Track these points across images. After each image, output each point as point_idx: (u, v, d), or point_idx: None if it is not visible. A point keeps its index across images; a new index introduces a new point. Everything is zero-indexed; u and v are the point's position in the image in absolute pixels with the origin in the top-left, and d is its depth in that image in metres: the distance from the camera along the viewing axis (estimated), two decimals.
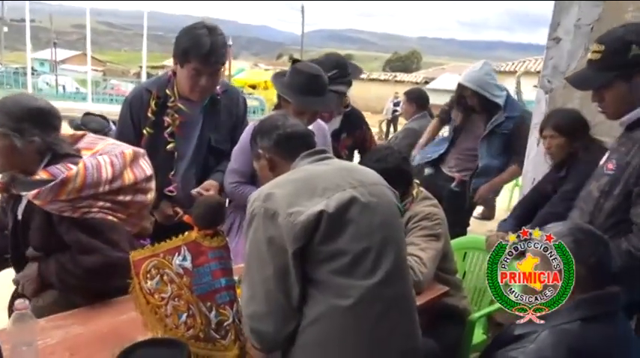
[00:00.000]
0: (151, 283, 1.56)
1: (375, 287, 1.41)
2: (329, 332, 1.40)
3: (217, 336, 1.50)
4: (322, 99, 2.45)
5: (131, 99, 2.40)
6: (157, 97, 2.34)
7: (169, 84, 2.35)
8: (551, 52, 3.14)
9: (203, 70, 2.23)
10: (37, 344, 1.41)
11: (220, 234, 1.54)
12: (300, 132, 1.65)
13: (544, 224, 1.60)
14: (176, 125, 2.35)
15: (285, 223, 1.37)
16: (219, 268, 1.50)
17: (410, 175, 2.35)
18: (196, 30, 2.21)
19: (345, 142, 3.12)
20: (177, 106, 2.34)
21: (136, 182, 1.87)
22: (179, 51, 2.24)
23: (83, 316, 1.75)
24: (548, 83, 3.17)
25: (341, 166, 1.59)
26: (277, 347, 1.46)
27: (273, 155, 1.65)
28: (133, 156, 1.89)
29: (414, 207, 2.30)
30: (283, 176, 1.54)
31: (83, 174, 1.73)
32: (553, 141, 2.62)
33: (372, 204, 1.48)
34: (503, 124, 3.29)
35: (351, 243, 1.41)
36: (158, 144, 2.35)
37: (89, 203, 1.75)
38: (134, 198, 1.88)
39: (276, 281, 1.39)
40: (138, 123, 2.36)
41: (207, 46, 2.18)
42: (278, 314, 1.41)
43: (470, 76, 3.31)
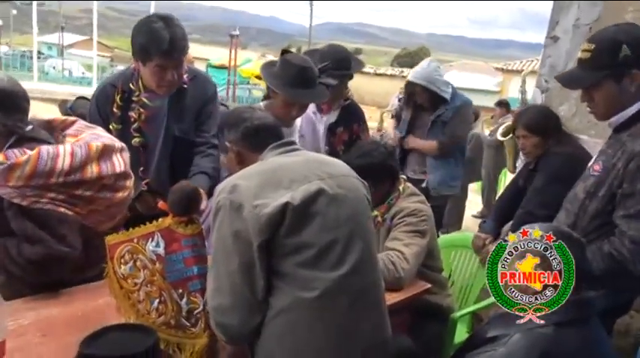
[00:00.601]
0: (124, 268, 1.56)
1: (341, 280, 1.40)
2: (295, 324, 1.39)
3: (188, 324, 1.50)
4: (311, 91, 2.43)
5: (97, 95, 2.34)
6: (122, 92, 2.27)
7: (133, 78, 2.27)
8: (548, 51, 3.11)
9: (167, 65, 2.14)
10: (5, 324, 1.41)
11: (195, 221, 1.54)
12: (268, 124, 1.63)
13: (522, 224, 1.57)
14: (142, 120, 2.28)
15: (251, 216, 1.36)
16: (192, 256, 1.49)
17: (395, 170, 2.33)
18: (152, 24, 2.10)
19: (342, 136, 3.08)
20: (142, 101, 2.26)
21: (100, 177, 1.77)
22: (138, 49, 2.14)
23: (58, 299, 1.75)
24: (545, 82, 3.15)
25: (310, 158, 1.58)
26: (243, 340, 1.45)
27: (240, 148, 1.63)
28: (101, 150, 1.79)
29: (400, 203, 2.28)
30: (250, 167, 1.53)
31: (34, 162, 1.64)
32: (527, 141, 2.58)
33: (340, 196, 1.47)
34: (443, 115, 3.37)
35: (317, 236, 1.40)
36: (127, 139, 2.27)
37: (39, 192, 1.66)
38: (98, 194, 1.79)
39: (241, 274, 1.38)
40: (106, 119, 2.29)
41: (167, 41, 2.07)
42: (243, 307, 1.40)
43: (419, 73, 3.36)
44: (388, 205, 2.27)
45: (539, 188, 2.44)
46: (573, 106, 2.80)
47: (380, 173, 2.24)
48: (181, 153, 2.34)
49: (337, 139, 3.05)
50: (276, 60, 2.51)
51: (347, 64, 2.98)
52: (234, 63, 18.26)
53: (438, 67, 3.43)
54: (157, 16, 2.16)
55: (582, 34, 2.94)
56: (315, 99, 2.59)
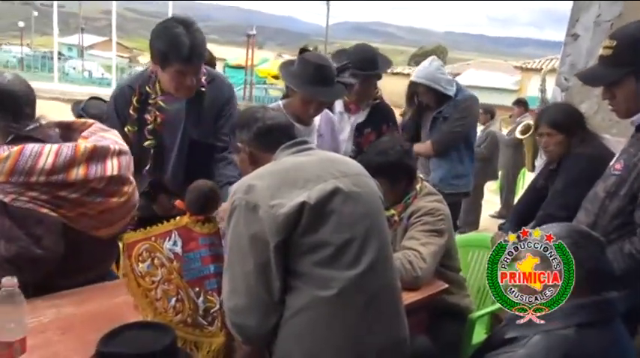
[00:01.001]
0: (142, 266, 1.57)
1: (358, 278, 1.40)
2: (313, 324, 1.39)
3: (205, 322, 1.50)
4: (328, 89, 2.42)
5: (116, 97, 2.34)
6: (139, 94, 2.26)
7: (150, 80, 2.26)
8: (568, 49, 3.07)
9: (186, 71, 2.12)
10: (26, 322, 1.43)
11: (212, 220, 1.54)
12: (280, 124, 1.62)
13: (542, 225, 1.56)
14: (158, 123, 2.27)
15: (267, 216, 1.36)
16: (209, 255, 1.50)
17: (412, 169, 2.32)
18: (172, 29, 2.07)
19: (369, 137, 3.01)
20: (159, 104, 2.26)
21: (86, 180, 1.69)
22: (157, 54, 2.11)
23: (77, 296, 1.77)
24: (565, 81, 3.11)
25: (323, 157, 1.57)
26: (259, 341, 1.45)
27: (253, 148, 1.63)
28: (90, 152, 1.71)
29: (417, 202, 2.27)
30: (264, 167, 1.52)
31: (14, 159, 1.60)
32: (550, 139, 2.50)
33: (355, 194, 1.46)
34: (444, 110, 3.28)
35: (333, 234, 1.40)
36: (142, 142, 2.29)
37: (20, 190, 1.62)
38: (87, 197, 1.72)
39: (257, 275, 1.38)
40: (124, 120, 2.29)
41: (187, 47, 2.05)
42: (259, 308, 1.40)
43: (421, 72, 3.29)
44: (405, 204, 2.26)
45: (560, 190, 2.38)
46: (595, 104, 2.75)
47: (396, 171, 2.23)
48: (199, 156, 2.32)
49: (364, 139, 3.01)
50: (295, 59, 2.52)
51: (373, 64, 2.95)
52: (251, 63, 18.36)
53: (440, 66, 3.37)
54: (177, 20, 2.14)
55: (603, 31, 2.89)
56: (332, 97, 2.58)
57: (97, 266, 1.89)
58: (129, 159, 1.87)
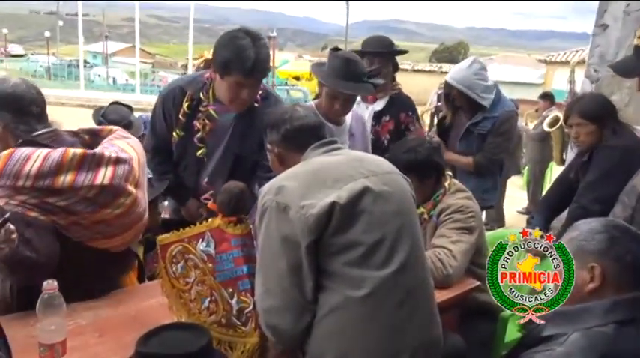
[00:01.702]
0: (175, 267, 1.60)
1: (390, 277, 1.39)
2: (345, 323, 1.39)
3: (238, 323, 1.52)
4: (355, 85, 2.42)
5: (165, 95, 2.33)
6: (191, 99, 2.26)
7: (204, 87, 2.26)
8: (597, 40, 3.01)
9: (245, 83, 2.12)
10: (65, 323, 1.46)
11: (244, 221, 1.56)
12: (308, 124, 1.61)
13: (575, 220, 1.52)
14: (206, 131, 2.27)
15: (298, 217, 1.36)
16: (242, 255, 1.51)
17: (441, 166, 2.29)
18: (239, 40, 2.06)
19: (388, 125, 2.98)
20: (209, 112, 2.25)
21: (72, 187, 1.62)
22: (220, 62, 2.10)
23: (113, 299, 1.81)
24: (594, 72, 3.04)
25: (352, 156, 1.57)
26: (293, 341, 1.45)
27: (281, 149, 1.63)
28: (80, 158, 1.64)
29: (446, 200, 2.25)
30: (294, 168, 1.53)
31: (3, 162, 1.59)
32: (581, 130, 2.44)
33: (386, 193, 1.46)
34: (481, 124, 3.09)
35: (364, 234, 1.39)
36: (187, 147, 2.31)
37: (9, 193, 1.60)
38: (76, 206, 1.65)
39: (289, 275, 1.38)
40: (170, 121, 2.31)
41: (252, 60, 2.04)
42: (293, 308, 1.40)
43: (458, 75, 3.09)
44: (434, 202, 2.24)
45: (593, 182, 2.33)
46: (626, 96, 2.69)
47: (425, 169, 2.21)
48: (240, 170, 2.31)
49: (383, 128, 2.98)
50: (323, 61, 2.54)
51: (388, 46, 2.95)
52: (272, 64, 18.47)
53: (480, 70, 3.13)
54: (245, 32, 2.12)
55: (633, 21, 2.83)
56: (358, 91, 2.55)
57: (100, 280, 1.83)
58: (128, 169, 1.76)
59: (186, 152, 2.32)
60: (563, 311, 1.42)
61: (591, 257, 1.40)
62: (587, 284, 1.41)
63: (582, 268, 1.42)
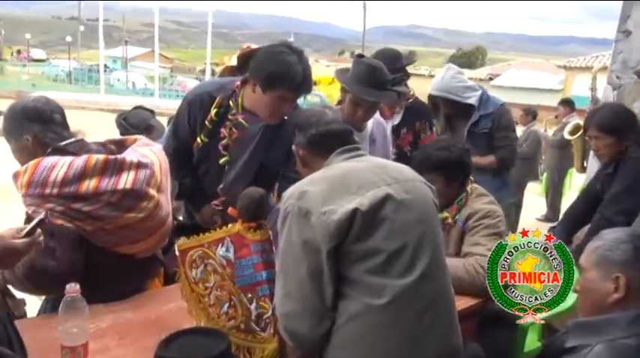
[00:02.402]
0: (195, 272, 1.60)
1: (410, 286, 1.38)
2: (365, 332, 1.38)
3: (257, 328, 1.52)
4: (378, 92, 2.42)
5: (191, 100, 2.31)
6: (219, 106, 2.24)
7: (234, 95, 2.24)
8: (620, 46, 2.97)
9: (289, 98, 2.12)
10: (87, 326, 1.48)
11: (263, 227, 1.56)
12: (334, 131, 1.61)
13: (600, 231, 1.50)
14: (232, 139, 2.25)
15: (319, 222, 1.36)
16: (261, 261, 1.52)
17: (470, 169, 2.28)
18: (285, 56, 2.06)
19: (406, 137, 3.01)
20: (238, 120, 2.24)
21: (96, 192, 1.65)
22: (265, 76, 2.08)
23: (133, 302, 1.82)
24: (616, 79, 3.00)
25: (375, 163, 1.57)
26: (311, 347, 1.45)
27: (306, 152, 1.64)
28: (103, 164, 1.68)
29: (471, 204, 2.23)
30: (318, 173, 1.53)
31: (31, 172, 1.64)
32: (600, 143, 2.44)
33: (407, 201, 1.45)
34: (481, 123, 3.17)
35: (385, 242, 1.39)
36: (211, 153, 2.30)
37: (38, 201, 1.64)
38: (101, 211, 1.67)
39: (309, 281, 1.38)
40: (194, 126, 2.29)
41: (300, 76, 2.05)
42: (312, 313, 1.40)
43: (436, 85, 3.20)
44: (458, 206, 2.23)
45: (617, 194, 2.31)
46: None
47: (455, 169, 2.21)
48: (262, 180, 2.28)
49: (403, 141, 3.01)
50: (347, 67, 2.55)
51: (398, 61, 2.94)
52: None
53: (456, 74, 3.25)
54: (289, 47, 2.13)
55: None
56: (381, 99, 2.55)
57: (125, 286, 1.85)
58: (149, 173, 1.78)
59: (209, 158, 2.32)
60: (587, 322, 1.40)
61: (616, 267, 1.38)
62: (612, 295, 1.39)
63: (606, 278, 1.40)
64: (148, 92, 21.56)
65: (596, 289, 1.41)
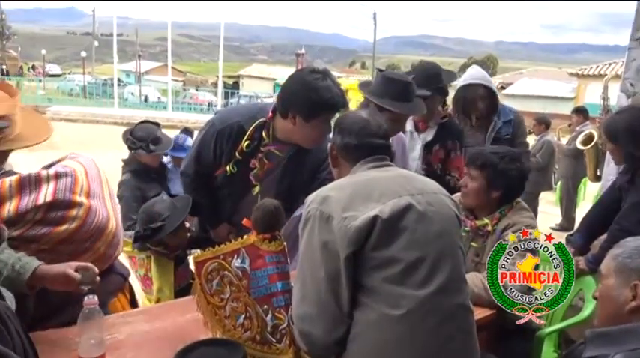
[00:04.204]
0: (211, 284, 1.61)
1: (428, 298, 1.38)
2: (382, 342, 1.38)
3: (273, 339, 1.52)
4: (413, 104, 2.46)
5: (220, 130, 2.25)
6: (251, 139, 2.22)
7: (265, 126, 2.22)
8: (633, 54, 2.95)
9: (329, 119, 2.12)
10: (104, 338, 1.49)
11: (278, 238, 1.57)
12: (371, 144, 1.58)
13: (616, 242, 1.49)
14: (263, 170, 2.26)
15: (340, 227, 1.37)
16: (276, 272, 1.53)
17: (518, 192, 2.28)
18: (320, 82, 2.06)
19: (438, 154, 2.98)
20: (270, 151, 2.24)
21: (18, 213, 1.59)
22: (307, 107, 2.07)
23: (151, 313, 1.85)
24: (630, 87, 2.98)
25: (400, 173, 1.57)
26: (325, 352, 1.45)
27: (338, 154, 1.65)
28: (18, 184, 1.62)
29: (511, 216, 2.24)
30: (342, 180, 1.55)
31: None
32: (609, 148, 2.47)
33: (430, 213, 1.45)
34: (503, 129, 3.16)
35: (404, 251, 1.39)
36: (236, 181, 2.29)
37: None
38: (30, 232, 1.62)
39: (327, 284, 1.39)
40: (219, 155, 2.27)
41: (340, 97, 2.08)
42: (327, 317, 1.40)
43: (474, 76, 3.13)
44: (500, 215, 2.24)
45: (636, 204, 2.28)
46: None
47: (520, 181, 2.24)
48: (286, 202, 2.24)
49: (434, 157, 2.99)
50: (368, 80, 2.57)
51: (437, 79, 2.87)
52: None
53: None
54: (318, 72, 2.13)
55: None
56: (414, 111, 2.58)
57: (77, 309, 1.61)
58: (70, 180, 1.71)
59: (233, 184, 2.31)
60: (605, 332, 1.39)
61: (635, 275, 1.37)
62: (629, 303, 1.38)
63: (625, 286, 1.39)
64: (160, 105, 21.80)
65: (615, 296, 1.40)
